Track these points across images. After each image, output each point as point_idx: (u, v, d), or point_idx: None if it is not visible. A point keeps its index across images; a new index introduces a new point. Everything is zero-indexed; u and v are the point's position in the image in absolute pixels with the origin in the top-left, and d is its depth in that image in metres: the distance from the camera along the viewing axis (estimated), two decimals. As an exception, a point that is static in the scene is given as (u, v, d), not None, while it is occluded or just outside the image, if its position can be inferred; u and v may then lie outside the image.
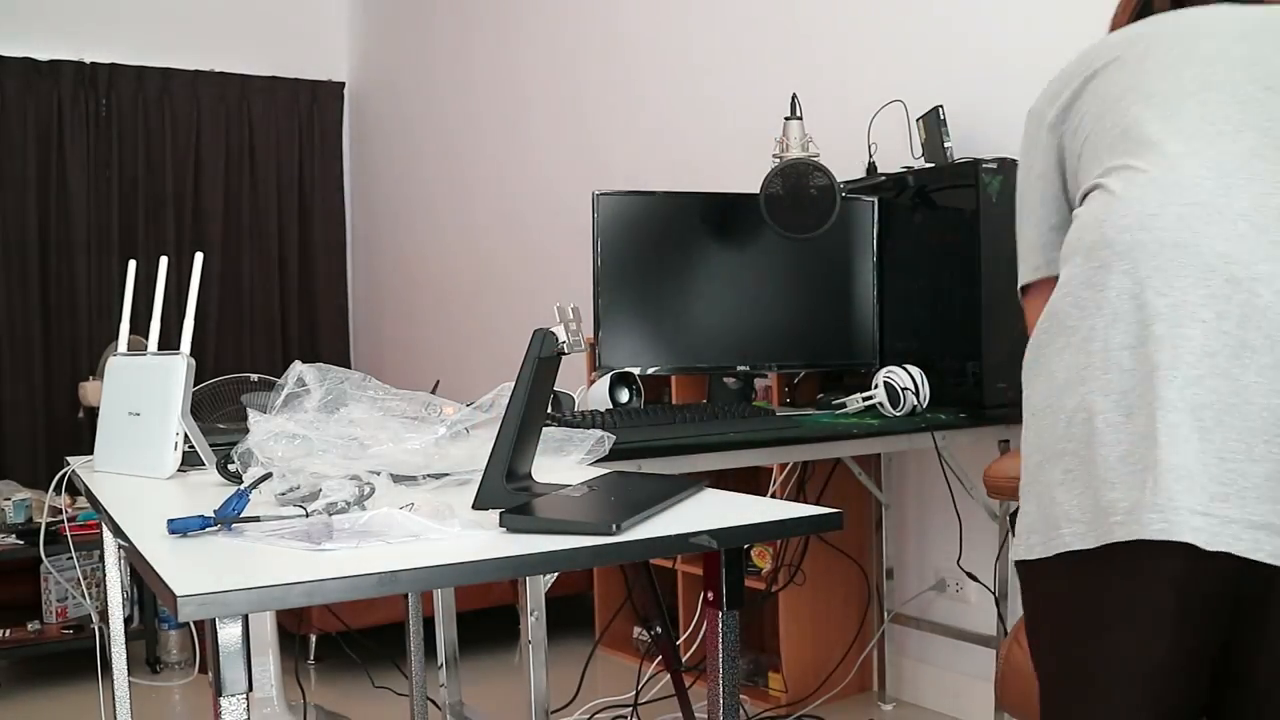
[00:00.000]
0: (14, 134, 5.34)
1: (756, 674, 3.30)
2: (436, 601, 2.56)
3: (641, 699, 3.17)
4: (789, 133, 2.64)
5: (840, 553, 3.24)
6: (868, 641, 3.29)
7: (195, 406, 1.81)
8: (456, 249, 5.30)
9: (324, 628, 3.67)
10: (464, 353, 5.24)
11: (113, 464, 1.77)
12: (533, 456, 1.39)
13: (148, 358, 1.78)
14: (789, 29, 3.55)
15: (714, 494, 1.40)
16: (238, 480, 1.47)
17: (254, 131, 5.91)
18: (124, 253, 5.54)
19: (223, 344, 5.79)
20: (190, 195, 5.74)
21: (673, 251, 2.65)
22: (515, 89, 4.84)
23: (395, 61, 5.79)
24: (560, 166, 4.59)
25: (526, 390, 1.30)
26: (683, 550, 1.16)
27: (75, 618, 3.78)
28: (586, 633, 3.86)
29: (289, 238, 6.02)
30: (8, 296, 5.34)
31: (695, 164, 3.89)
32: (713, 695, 1.32)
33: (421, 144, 5.56)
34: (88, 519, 3.60)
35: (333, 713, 3.18)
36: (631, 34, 4.19)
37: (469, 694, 2.67)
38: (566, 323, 1.35)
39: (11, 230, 5.34)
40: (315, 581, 0.96)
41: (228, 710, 0.98)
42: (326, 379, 1.56)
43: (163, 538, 1.16)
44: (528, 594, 1.84)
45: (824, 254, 2.75)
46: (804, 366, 2.84)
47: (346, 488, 1.26)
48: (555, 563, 1.09)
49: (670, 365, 2.71)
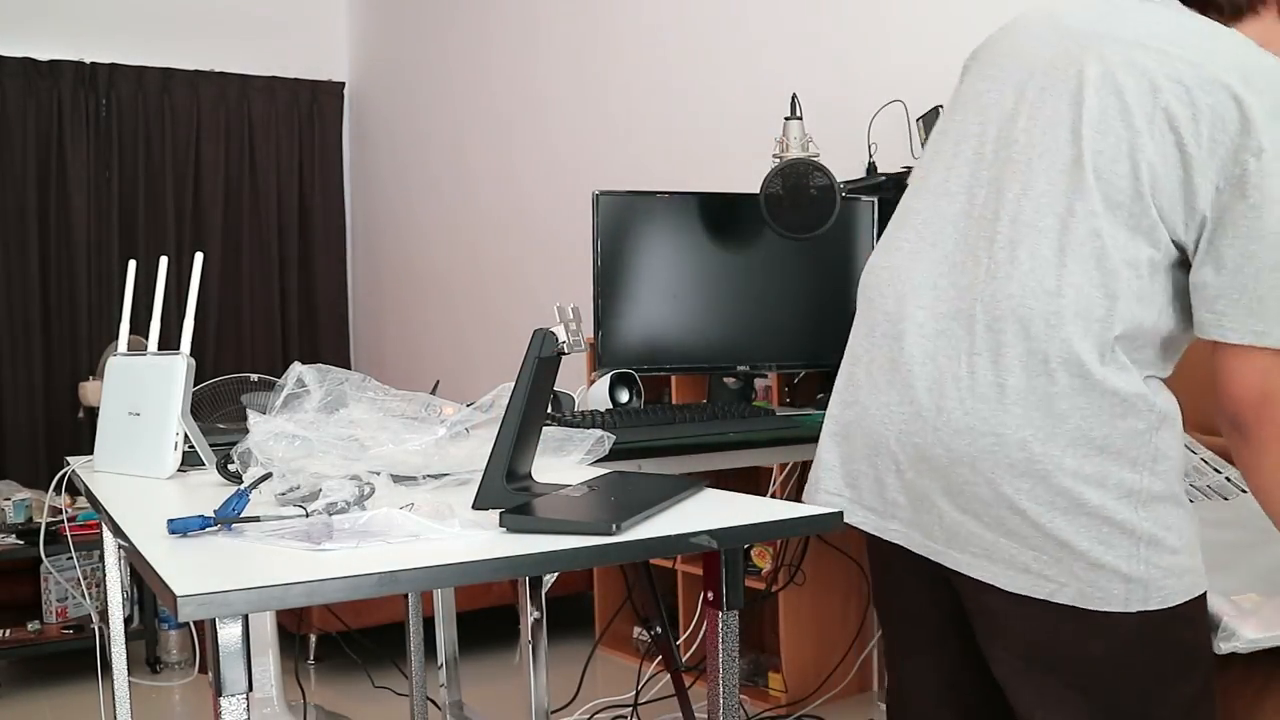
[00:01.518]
0: (14, 134, 5.34)
1: (756, 674, 3.30)
2: (436, 601, 2.56)
3: (641, 699, 3.17)
4: (789, 133, 2.63)
5: (840, 553, 3.24)
6: (868, 641, 3.29)
7: (195, 406, 1.81)
8: (456, 248, 5.30)
9: (324, 628, 3.67)
10: (464, 353, 5.24)
11: (113, 464, 1.77)
12: (533, 456, 1.39)
13: (148, 358, 1.78)
14: (789, 29, 3.55)
15: (714, 494, 1.40)
16: (238, 480, 1.47)
17: (254, 131, 5.91)
18: (124, 253, 5.53)
19: (223, 344, 5.79)
20: (190, 195, 5.74)
21: (673, 251, 2.65)
22: (515, 89, 4.84)
23: (395, 61, 5.79)
24: (560, 166, 4.59)
25: (526, 390, 1.30)
26: (683, 550, 1.16)
27: (75, 618, 3.78)
28: (586, 633, 3.86)
29: (289, 238, 6.01)
30: (8, 296, 5.34)
31: (695, 164, 3.89)
32: (713, 695, 1.32)
33: (421, 144, 5.56)
34: (88, 519, 3.60)
35: (333, 713, 3.18)
36: (631, 34, 4.19)
37: (469, 694, 2.67)
38: (566, 323, 1.35)
39: (11, 230, 5.34)
40: (315, 581, 0.96)
41: (228, 710, 0.98)
42: (326, 380, 1.56)
43: (163, 538, 1.16)
44: (528, 594, 1.84)
45: (824, 254, 2.74)
46: (804, 366, 2.84)
47: (346, 488, 1.26)
48: (555, 563, 1.09)
49: (670, 365, 2.71)
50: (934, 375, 1.33)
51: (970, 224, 1.34)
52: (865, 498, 1.41)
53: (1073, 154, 1.27)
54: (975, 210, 1.35)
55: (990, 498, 1.28)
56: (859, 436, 1.40)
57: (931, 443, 1.32)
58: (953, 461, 1.30)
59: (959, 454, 1.29)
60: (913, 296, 1.37)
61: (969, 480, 1.29)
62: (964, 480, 1.30)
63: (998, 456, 1.27)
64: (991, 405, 1.28)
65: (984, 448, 1.27)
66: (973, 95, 1.44)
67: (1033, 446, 1.25)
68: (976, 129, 1.39)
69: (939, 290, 1.35)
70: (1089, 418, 1.25)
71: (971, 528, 1.30)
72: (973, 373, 1.30)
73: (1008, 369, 1.27)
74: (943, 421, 1.31)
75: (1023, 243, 1.28)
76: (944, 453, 1.31)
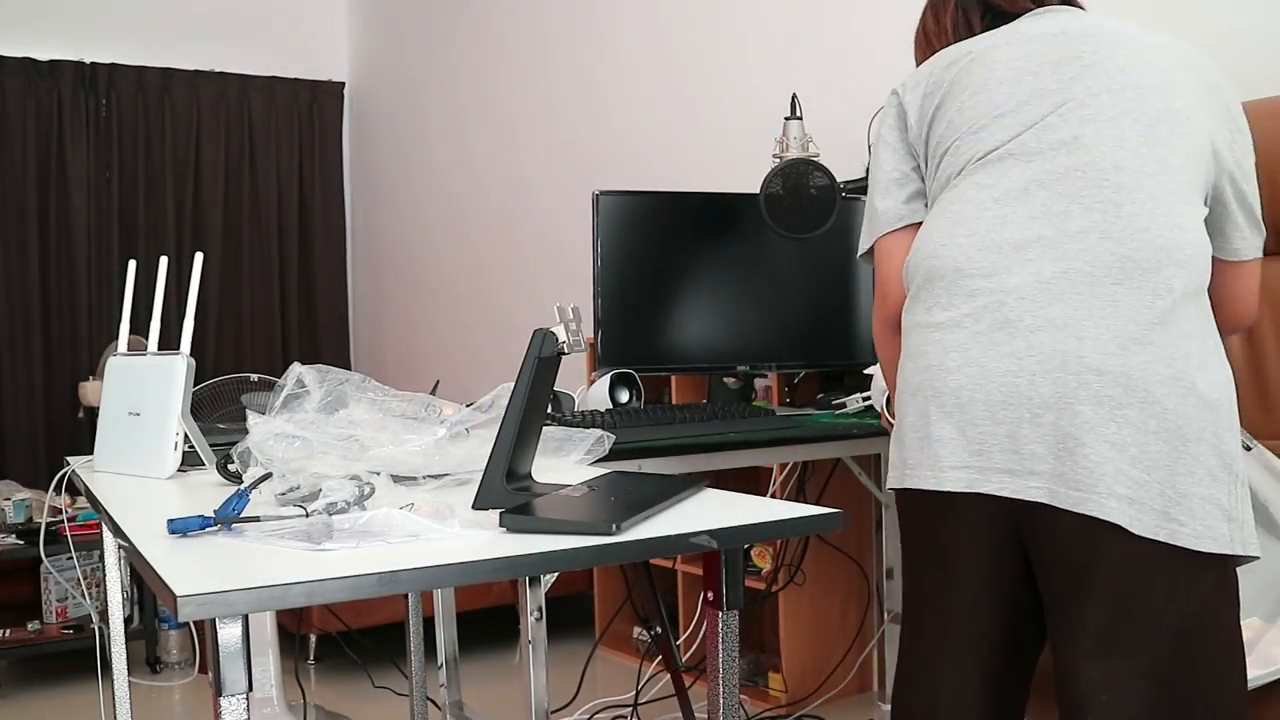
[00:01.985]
0: (14, 134, 5.34)
1: (756, 674, 3.30)
2: (436, 601, 2.56)
3: (641, 699, 3.17)
4: (789, 133, 2.63)
5: (840, 553, 3.24)
6: (868, 641, 3.29)
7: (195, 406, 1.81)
8: (456, 248, 5.30)
9: (324, 628, 3.67)
10: (464, 352, 5.24)
11: (113, 464, 1.77)
12: (533, 456, 1.39)
13: (148, 358, 1.78)
14: (789, 29, 3.55)
15: (714, 494, 1.40)
16: (238, 480, 1.47)
17: (254, 131, 5.91)
18: (124, 253, 5.53)
19: (223, 344, 5.79)
20: (190, 195, 5.74)
21: (673, 251, 2.65)
22: (515, 88, 4.84)
23: (395, 61, 5.79)
24: (560, 166, 4.59)
25: (526, 390, 1.30)
26: (683, 550, 1.16)
27: (75, 618, 3.78)
28: (586, 633, 3.86)
29: (289, 238, 6.01)
30: (8, 296, 5.34)
31: (695, 164, 3.89)
32: (713, 695, 1.32)
33: (421, 144, 5.56)
34: (88, 519, 3.60)
35: (333, 713, 3.18)
36: (631, 33, 4.19)
37: (469, 694, 2.67)
38: (566, 323, 1.35)
39: (11, 230, 5.34)
40: (315, 581, 0.96)
41: (228, 710, 0.98)
42: (326, 380, 1.56)
43: (163, 538, 1.16)
44: (528, 594, 1.84)
45: (824, 254, 2.74)
46: (804, 366, 2.84)
47: (346, 488, 1.26)
48: (555, 563, 1.09)
49: (670, 365, 2.71)
50: (1066, 315, 1.34)
51: (1061, 179, 1.39)
52: (997, 460, 1.37)
53: (1155, 111, 1.40)
54: (1061, 168, 1.39)
55: (1137, 419, 1.31)
56: (979, 398, 1.38)
57: (1077, 370, 1.33)
58: (1104, 384, 1.32)
59: (1112, 374, 1.32)
60: (1013, 254, 1.39)
61: (1122, 402, 1.31)
62: (1116, 402, 1.31)
63: (1149, 371, 1.31)
64: (1142, 327, 1.32)
65: (1137, 364, 1.31)
66: (993, 81, 1.48)
67: (1177, 364, 1.32)
68: (1022, 102, 1.44)
69: (1044, 241, 1.38)
70: (1211, 349, 1.36)
71: (1118, 464, 1.31)
72: (1115, 302, 1.33)
73: (1156, 294, 1.33)
74: (1088, 349, 1.33)
75: (1140, 187, 1.36)
76: (1095, 377, 1.32)
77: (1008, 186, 1.41)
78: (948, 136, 1.49)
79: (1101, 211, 1.36)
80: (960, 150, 1.47)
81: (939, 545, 1.46)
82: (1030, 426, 1.34)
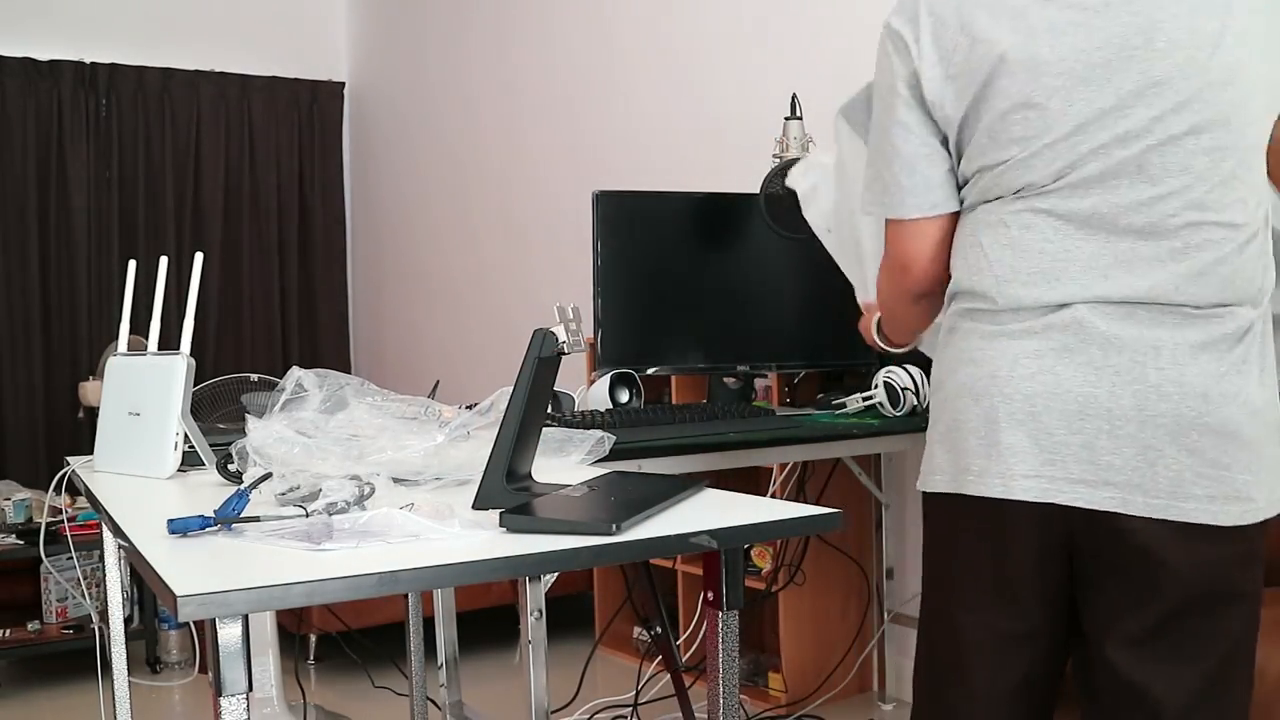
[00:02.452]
0: (14, 134, 5.34)
1: (756, 674, 3.30)
2: (436, 601, 2.56)
3: (641, 699, 3.17)
4: (789, 133, 2.64)
5: (840, 553, 3.24)
6: (868, 641, 3.29)
7: (195, 406, 1.81)
8: (456, 248, 5.30)
9: (324, 628, 3.67)
10: (464, 353, 5.24)
11: (113, 464, 1.77)
12: (533, 457, 1.39)
13: (148, 358, 1.78)
14: (789, 29, 3.55)
15: (714, 494, 1.40)
16: (238, 480, 1.47)
17: (254, 131, 5.90)
18: (124, 253, 5.53)
19: (223, 344, 5.78)
20: (190, 195, 5.73)
21: (673, 251, 2.65)
22: (515, 89, 4.84)
23: (395, 61, 5.79)
24: (560, 166, 4.59)
25: (526, 390, 1.30)
26: (683, 550, 1.16)
27: (75, 618, 3.78)
28: (586, 633, 3.86)
29: (289, 238, 6.01)
30: (8, 296, 5.34)
31: (695, 164, 3.89)
32: (713, 695, 1.32)
33: (421, 143, 5.56)
34: (88, 519, 3.60)
35: (333, 713, 3.18)
36: (631, 34, 4.19)
37: (469, 694, 2.67)
38: (566, 323, 1.35)
39: (12, 230, 5.34)
40: (315, 581, 0.97)
41: (228, 710, 0.98)
42: (326, 383, 1.56)
43: (163, 538, 1.16)
44: (528, 594, 1.84)
45: (824, 253, 2.74)
46: (804, 366, 2.84)
47: (346, 488, 1.26)
48: (555, 563, 1.09)
49: (670, 365, 2.71)
50: (1141, 330, 1.35)
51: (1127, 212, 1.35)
52: (1072, 470, 1.36)
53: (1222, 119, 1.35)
54: (1128, 201, 1.36)
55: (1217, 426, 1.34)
56: (1055, 407, 1.37)
57: (1156, 383, 1.34)
58: (1184, 396, 1.33)
59: (1190, 386, 1.34)
60: (1078, 267, 1.37)
61: (1201, 412, 1.33)
62: (1196, 413, 1.33)
63: (1224, 386, 1.34)
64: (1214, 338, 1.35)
65: (1212, 378, 1.34)
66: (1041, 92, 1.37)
67: (1249, 380, 1.36)
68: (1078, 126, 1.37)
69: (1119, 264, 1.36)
70: (1269, 368, 1.42)
71: (1198, 468, 1.33)
72: (1189, 318, 1.35)
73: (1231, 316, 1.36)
74: (1166, 362, 1.34)
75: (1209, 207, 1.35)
76: (1175, 389, 1.34)
77: (1073, 208, 1.37)
78: (992, 153, 1.41)
79: (1172, 234, 1.35)
80: (1008, 175, 1.40)
81: (989, 549, 1.44)
82: (1109, 439, 1.35)
